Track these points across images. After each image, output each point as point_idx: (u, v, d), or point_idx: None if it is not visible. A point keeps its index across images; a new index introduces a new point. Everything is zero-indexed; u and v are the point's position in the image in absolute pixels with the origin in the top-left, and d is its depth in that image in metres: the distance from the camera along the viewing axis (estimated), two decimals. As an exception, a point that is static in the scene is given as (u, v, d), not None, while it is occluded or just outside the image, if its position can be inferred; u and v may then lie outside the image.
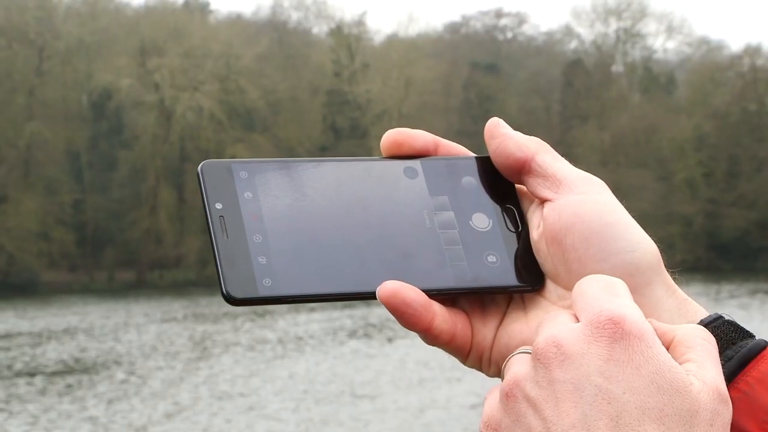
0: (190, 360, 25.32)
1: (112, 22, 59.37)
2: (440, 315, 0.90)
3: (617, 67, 66.09)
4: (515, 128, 0.96)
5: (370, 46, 64.93)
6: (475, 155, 0.96)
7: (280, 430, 16.87)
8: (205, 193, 0.89)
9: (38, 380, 23.03)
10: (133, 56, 58.63)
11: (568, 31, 67.54)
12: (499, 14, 69.83)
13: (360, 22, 64.86)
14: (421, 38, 65.69)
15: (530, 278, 0.93)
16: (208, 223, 0.87)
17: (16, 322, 35.95)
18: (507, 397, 0.81)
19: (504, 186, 0.95)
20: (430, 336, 0.90)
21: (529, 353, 0.84)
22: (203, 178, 0.89)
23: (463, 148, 0.97)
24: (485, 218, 0.94)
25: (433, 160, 0.95)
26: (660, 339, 0.81)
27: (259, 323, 33.44)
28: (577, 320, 0.83)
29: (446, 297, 0.92)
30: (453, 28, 70.55)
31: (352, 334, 29.72)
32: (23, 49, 56.67)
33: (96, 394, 20.91)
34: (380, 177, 0.93)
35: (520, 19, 70.18)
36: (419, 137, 0.95)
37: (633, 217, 0.92)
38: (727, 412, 0.79)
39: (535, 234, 0.93)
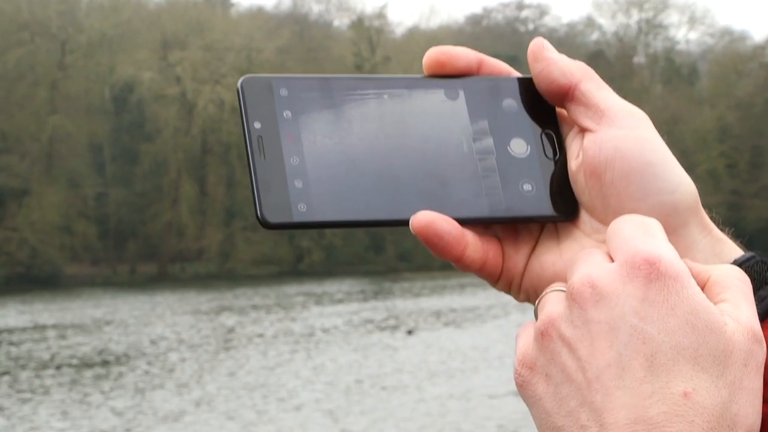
0: (216, 352, 25.40)
1: (134, 16, 59.50)
2: (472, 245, 0.90)
3: (639, 59, 65.89)
4: None
5: (392, 38, 64.91)
6: (519, 76, 0.94)
7: (306, 420, 16.91)
8: (245, 111, 0.87)
9: (65, 372, 23.14)
10: (155, 49, 58.77)
11: (590, 23, 67.43)
12: (520, 6, 69.78)
13: (381, 15, 64.85)
14: (443, 30, 65.66)
15: (565, 208, 0.92)
16: (246, 144, 0.85)
17: (41, 314, 36.13)
18: (542, 335, 0.81)
19: (545, 110, 0.93)
20: (462, 265, 0.90)
21: (563, 291, 0.84)
22: (243, 95, 0.87)
23: (508, 66, 0.95)
24: (524, 144, 0.92)
25: (474, 80, 0.93)
26: (695, 279, 0.81)
27: (282, 315, 33.50)
28: (611, 260, 0.83)
29: (480, 225, 0.91)
30: (474, 20, 70.53)
31: (376, 326, 29.74)
32: (46, 43, 56.87)
33: (123, 385, 21.01)
34: (421, 98, 0.91)
35: (542, 11, 70.17)
36: (462, 56, 0.93)
37: None
38: (761, 352, 0.79)
39: (573, 164, 0.91)
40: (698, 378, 0.76)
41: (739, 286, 0.82)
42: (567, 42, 68.36)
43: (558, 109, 0.94)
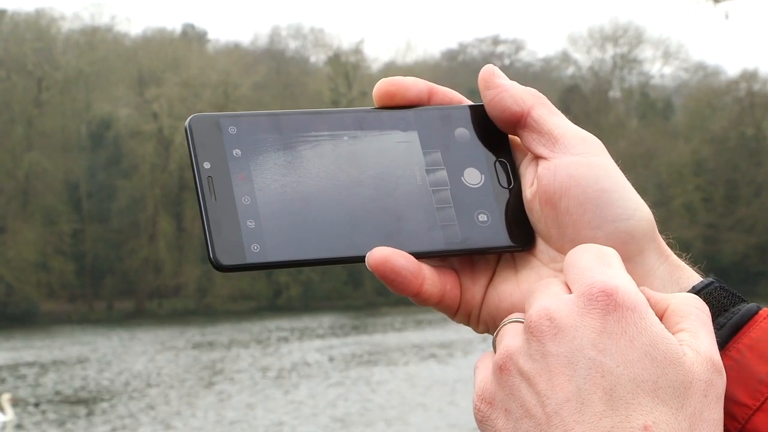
0: (196, 388, 25.26)
1: (110, 53, 59.53)
2: (429, 279, 0.88)
3: (614, 93, 66.32)
4: None
5: (368, 74, 65.10)
6: (470, 104, 0.93)
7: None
8: (194, 151, 0.85)
9: (44, 410, 22.95)
10: (132, 86, 58.78)
11: (565, 57, 67.84)
12: (496, 41, 70.16)
13: (357, 51, 65.08)
14: (419, 66, 65.89)
15: (521, 237, 0.90)
16: (196, 184, 0.83)
17: (18, 352, 35.86)
18: (501, 370, 0.80)
19: (497, 137, 0.92)
20: (419, 299, 0.88)
21: (521, 322, 0.82)
22: (191, 135, 0.85)
23: (458, 94, 0.93)
24: (477, 173, 0.91)
25: (425, 110, 0.91)
26: (653, 309, 0.80)
27: (262, 350, 33.37)
28: (569, 290, 0.81)
29: (436, 258, 0.89)
30: (450, 56, 70.84)
31: (357, 360, 29.66)
32: (22, 80, 56.80)
33: (103, 422, 20.86)
34: (373, 131, 0.89)
35: (517, 46, 70.56)
36: (412, 86, 0.91)
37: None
38: (720, 382, 0.78)
39: (528, 192, 0.90)
40: (658, 411, 0.74)
41: (698, 314, 0.80)
42: (542, 76, 68.74)
43: (511, 137, 0.92)
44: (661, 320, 0.79)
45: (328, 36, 67.52)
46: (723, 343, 0.82)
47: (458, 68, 69.35)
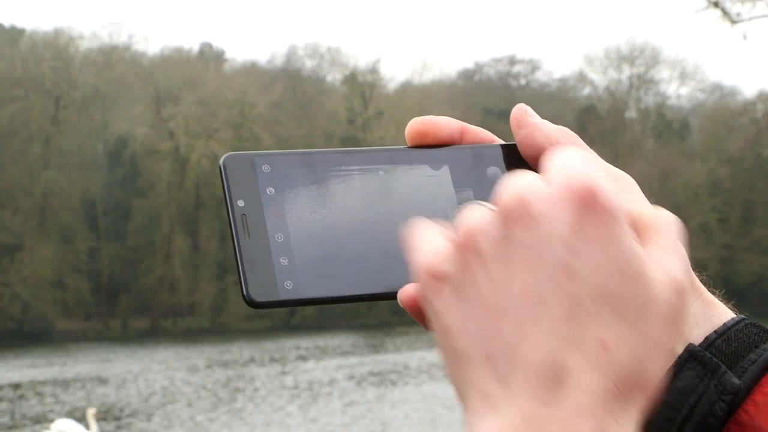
0: (212, 406, 25.26)
1: (127, 71, 59.79)
2: None
3: (630, 113, 66.27)
4: None
5: (384, 93, 65.22)
6: (502, 143, 0.92)
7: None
8: (228, 189, 0.85)
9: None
10: (149, 105, 59.01)
11: (582, 78, 67.84)
12: (512, 61, 70.25)
13: (374, 70, 65.21)
14: (435, 85, 66.00)
15: None
16: (230, 222, 0.83)
17: (33, 370, 35.93)
18: (459, 246, 0.74)
19: None
20: None
21: (487, 207, 0.77)
22: (226, 173, 0.86)
23: (490, 133, 0.93)
24: None
25: (458, 149, 0.91)
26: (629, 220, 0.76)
27: (277, 369, 33.36)
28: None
29: None
30: (466, 75, 70.93)
31: (374, 379, 29.63)
32: (40, 99, 57.08)
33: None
34: (405, 170, 0.89)
35: (534, 66, 70.61)
36: (444, 126, 0.91)
37: None
38: (684, 307, 0.74)
39: None
40: (619, 329, 0.71)
41: (671, 233, 0.77)
42: (559, 96, 68.78)
43: None
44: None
45: (344, 55, 67.67)
46: (756, 379, 0.81)
47: (474, 88, 69.45)
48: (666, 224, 0.77)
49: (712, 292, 0.87)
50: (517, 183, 0.74)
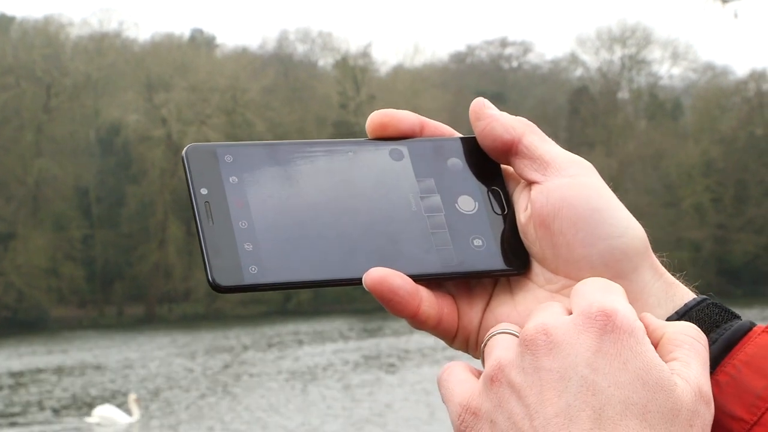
0: (209, 392, 25.28)
1: (118, 58, 59.61)
2: (426, 300, 0.89)
3: (623, 94, 66.26)
4: None
5: (376, 77, 65.12)
6: (461, 136, 0.95)
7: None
8: (190, 178, 0.87)
9: (60, 416, 23.00)
10: (140, 91, 58.86)
11: (573, 59, 67.76)
12: (504, 43, 70.15)
13: (365, 54, 65.09)
14: (427, 68, 65.91)
15: (516, 261, 0.92)
16: (193, 210, 0.85)
17: (29, 358, 35.92)
18: (491, 381, 0.80)
19: (490, 167, 0.94)
20: (417, 321, 0.89)
21: (511, 333, 0.84)
22: (188, 163, 0.88)
23: (450, 128, 0.95)
24: (471, 201, 0.93)
25: (418, 141, 0.93)
26: (649, 336, 0.81)
27: (274, 354, 33.39)
28: (570, 314, 0.83)
29: (433, 282, 0.91)
30: (458, 58, 70.83)
31: (370, 364, 29.68)
32: (31, 86, 56.90)
33: (85, 428, 20.89)
34: (366, 159, 0.92)
35: (525, 48, 70.51)
36: (404, 118, 0.93)
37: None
38: (708, 413, 0.79)
39: (522, 217, 0.92)
40: None
41: (692, 343, 0.81)
42: (551, 78, 68.70)
43: (503, 167, 0.94)
44: (656, 348, 0.81)
45: (336, 40, 67.53)
46: (716, 359, 0.84)
47: (466, 70, 69.37)
48: (686, 336, 0.82)
49: (673, 275, 0.90)
50: (540, 316, 0.81)
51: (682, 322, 0.84)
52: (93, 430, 20.39)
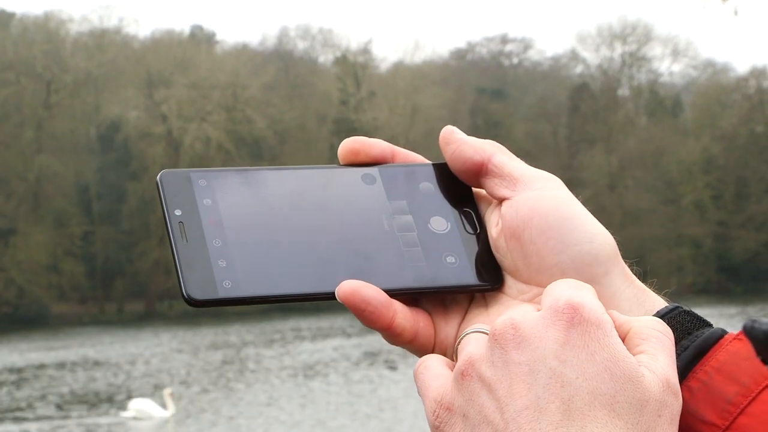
0: (210, 388, 25.30)
1: (119, 55, 59.60)
2: (401, 313, 0.90)
3: (623, 91, 66.25)
4: (523, 153, 0.93)
5: (377, 74, 65.12)
6: (432, 162, 0.97)
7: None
8: (165, 200, 0.89)
9: (68, 409, 23.03)
10: (140, 88, 58.85)
11: (574, 56, 67.77)
12: (504, 40, 70.13)
13: (366, 51, 65.09)
14: (427, 65, 65.88)
15: (490, 277, 0.93)
16: (167, 229, 0.87)
17: (29, 354, 35.94)
18: (462, 376, 0.81)
19: (461, 190, 0.96)
20: (392, 334, 0.90)
21: (483, 332, 0.85)
22: (162, 187, 0.90)
23: (420, 156, 0.98)
24: (443, 221, 0.94)
25: (390, 167, 0.96)
26: (617, 330, 0.82)
27: (275, 351, 33.41)
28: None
29: (407, 296, 0.92)
30: (459, 55, 70.80)
31: (371, 360, 29.70)
32: (31, 83, 56.89)
33: (122, 423, 20.91)
34: (338, 183, 0.94)
35: (526, 45, 70.48)
36: (375, 145, 0.95)
37: (641, 239, 0.91)
38: (676, 404, 0.80)
39: (494, 232, 0.93)
40: (613, 424, 0.77)
41: (659, 337, 0.83)
42: (551, 75, 68.68)
43: (475, 190, 0.96)
44: (623, 341, 0.82)
45: (336, 36, 67.53)
46: (688, 365, 0.85)
47: (467, 67, 69.33)
48: (653, 330, 0.83)
49: (644, 282, 0.91)
50: (510, 314, 0.82)
51: (649, 317, 0.86)
52: (129, 424, 20.46)
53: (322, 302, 0.83)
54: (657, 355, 0.81)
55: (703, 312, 0.86)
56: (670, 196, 58.99)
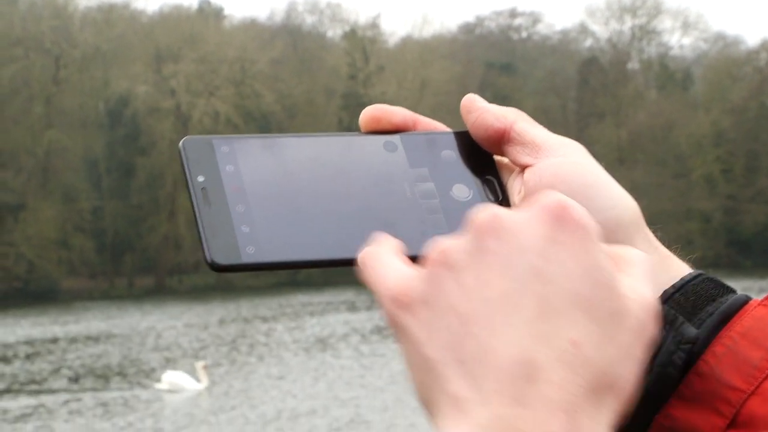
0: (222, 362, 25.37)
1: (127, 30, 59.55)
2: None
3: (633, 64, 66.07)
4: None
5: (385, 48, 65.01)
6: (454, 130, 0.96)
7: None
8: (188, 167, 0.90)
9: (83, 383, 23.12)
10: (149, 63, 58.81)
11: (583, 29, 67.58)
12: (513, 14, 69.95)
13: (374, 25, 64.97)
14: (436, 39, 65.75)
15: None
16: (190, 195, 0.88)
17: (39, 329, 36.06)
18: (429, 262, 0.76)
19: (483, 158, 0.95)
20: None
21: None
22: (185, 154, 0.90)
23: (442, 124, 0.97)
24: (465, 189, 0.94)
25: (412, 134, 0.96)
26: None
27: (286, 325, 33.49)
28: None
29: None
30: (467, 29, 70.63)
31: (382, 333, 29.77)
32: (40, 58, 56.87)
33: (133, 397, 20.99)
34: (360, 151, 0.94)
35: (535, 19, 70.29)
36: (397, 113, 0.95)
37: (650, 213, 0.89)
38: (654, 329, 0.77)
39: (516, 199, 0.92)
40: (590, 329, 0.73)
41: (643, 265, 0.80)
42: (561, 49, 68.49)
43: (497, 158, 0.95)
44: None
45: (344, 10, 67.47)
46: (713, 331, 0.84)
47: (475, 42, 69.16)
48: (639, 259, 0.80)
49: (668, 248, 0.90)
50: (491, 205, 0.78)
51: (633, 249, 0.82)
52: (162, 396, 20.55)
53: (333, 276, 0.83)
54: (642, 280, 0.78)
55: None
56: (680, 170, 58.90)
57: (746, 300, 0.86)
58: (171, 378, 21.27)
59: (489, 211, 0.77)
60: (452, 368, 0.73)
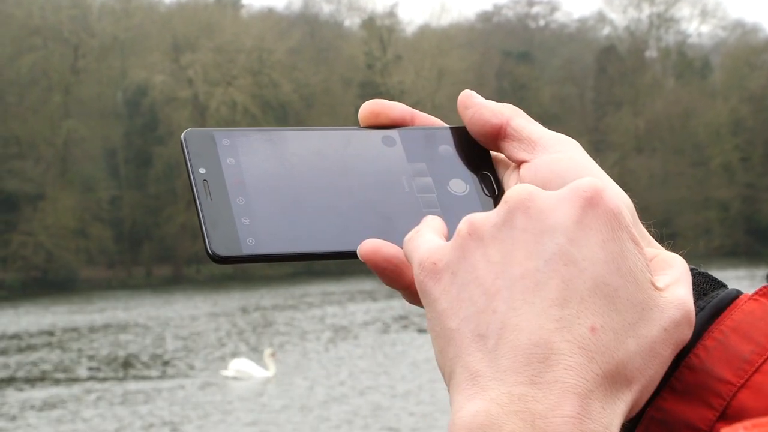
0: (245, 350, 25.44)
1: (145, 19, 59.64)
2: None
3: (651, 53, 65.87)
4: (549, 116, 0.96)
5: (402, 37, 64.96)
6: (451, 126, 0.98)
7: (341, 422, 16.95)
8: (189, 159, 0.91)
9: (96, 375, 23.22)
10: (167, 52, 58.89)
11: (601, 18, 67.42)
12: (531, 2, 69.81)
13: (392, 14, 64.92)
14: (453, 28, 65.66)
15: None
16: (192, 187, 0.89)
17: (59, 318, 36.21)
18: (458, 233, 0.78)
19: (480, 154, 0.96)
20: (413, 293, 0.87)
21: None
22: (186, 146, 0.91)
23: (440, 120, 0.98)
24: (462, 184, 0.95)
25: (410, 129, 0.97)
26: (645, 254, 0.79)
27: (305, 314, 33.56)
28: None
29: None
30: (485, 17, 70.53)
31: (400, 323, 29.81)
32: (58, 48, 57.01)
33: (155, 388, 21.06)
34: (359, 145, 0.95)
35: (552, 7, 70.16)
36: (395, 108, 0.97)
37: (668, 202, 0.87)
38: (687, 332, 0.78)
39: None
40: (610, 317, 0.74)
41: (684, 270, 0.81)
42: (578, 37, 68.34)
43: (493, 153, 0.96)
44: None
45: (362, 0, 67.34)
46: (704, 325, 0.84)
47: (493, 30, 69.06)
48: (678, 262, 0.81)
49: (662, 244, 0.89)
50: (528, 184, 0.80)
51: (672, 252, 0.84)
52: (228, 384, 20.59)
53: (350, 265, 0.84)
54: (681, 282, 0.79)
55: (731, 274, 0.86)
56: (698, 159, 58.73)
57: (737, 294, 0.86)
58: (238, 365, 21.29)
59: (524, 187, 0.77)
60: (471, 341, 0.74)
